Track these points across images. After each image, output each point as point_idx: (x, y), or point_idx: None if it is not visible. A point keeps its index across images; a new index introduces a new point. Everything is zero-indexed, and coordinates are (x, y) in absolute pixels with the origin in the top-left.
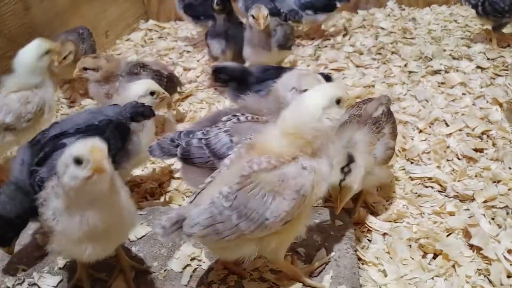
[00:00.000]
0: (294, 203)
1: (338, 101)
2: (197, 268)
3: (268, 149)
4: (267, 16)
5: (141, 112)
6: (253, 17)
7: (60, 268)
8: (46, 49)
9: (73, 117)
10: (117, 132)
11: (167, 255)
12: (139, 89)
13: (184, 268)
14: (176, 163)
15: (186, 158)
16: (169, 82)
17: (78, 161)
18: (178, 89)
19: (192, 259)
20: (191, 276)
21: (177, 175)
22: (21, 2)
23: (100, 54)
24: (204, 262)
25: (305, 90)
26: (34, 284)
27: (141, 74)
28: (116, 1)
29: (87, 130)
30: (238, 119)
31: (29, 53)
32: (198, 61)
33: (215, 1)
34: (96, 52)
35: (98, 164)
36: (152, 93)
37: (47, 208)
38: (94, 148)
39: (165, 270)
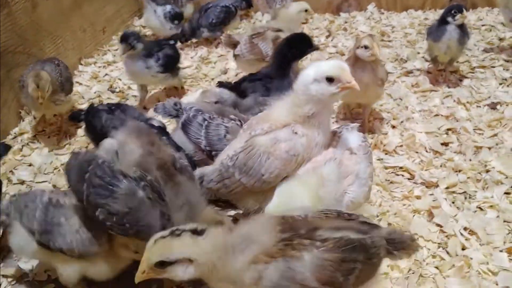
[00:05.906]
0: (285, 162)
1: (329, 79)
2: None
3: (268, 118)
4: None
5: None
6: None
7: None
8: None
9: None
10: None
11: None
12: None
13: None
14: None
15: (185, 126)
16: None
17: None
18: None
19: None
20: None
21: None
22: (29, 0)
23: None
24: None
25: None
26: None
27: None
28: None
29: None
30: (241, 126)
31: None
32: (191, 58)
33: None
34: (73, 84)
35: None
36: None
37: None
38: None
39: None
